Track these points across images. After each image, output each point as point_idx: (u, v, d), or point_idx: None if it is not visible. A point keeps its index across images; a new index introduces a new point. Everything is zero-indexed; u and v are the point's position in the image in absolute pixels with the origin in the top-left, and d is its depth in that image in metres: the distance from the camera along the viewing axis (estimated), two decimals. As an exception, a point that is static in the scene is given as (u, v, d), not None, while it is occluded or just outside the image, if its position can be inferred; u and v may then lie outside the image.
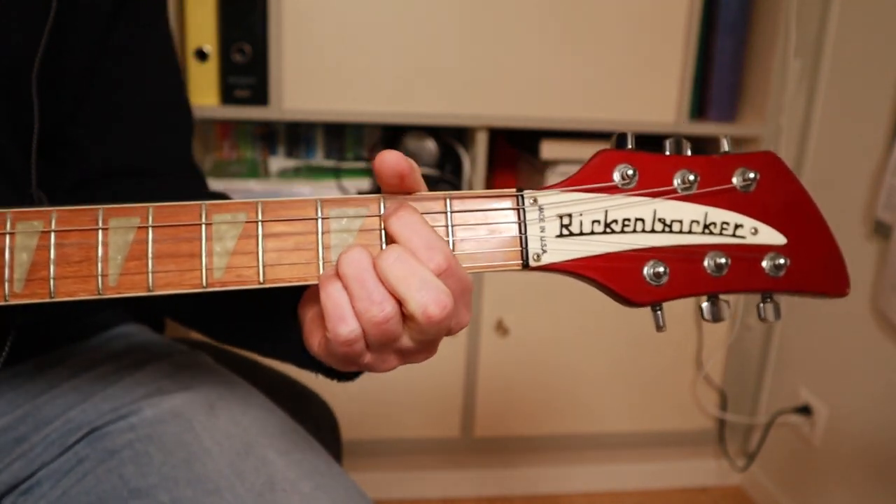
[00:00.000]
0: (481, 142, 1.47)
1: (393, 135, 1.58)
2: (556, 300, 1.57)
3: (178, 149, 0.74)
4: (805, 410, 1.57)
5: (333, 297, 0.44)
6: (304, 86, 1.38)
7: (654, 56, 1.46)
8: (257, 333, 0.63)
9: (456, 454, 1.68)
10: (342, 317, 0.44)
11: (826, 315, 1.52)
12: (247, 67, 1.35)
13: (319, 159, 1.60)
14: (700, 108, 1.57)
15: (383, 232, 0.47)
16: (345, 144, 1.61)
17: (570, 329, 1.59)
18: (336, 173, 1.55)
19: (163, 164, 0.72)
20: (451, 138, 1.56)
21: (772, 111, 1.52)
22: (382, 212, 0.47)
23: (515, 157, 1.66)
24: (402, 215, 0.46)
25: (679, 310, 1.61)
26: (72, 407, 0.65)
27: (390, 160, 0.46)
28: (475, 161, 1.50)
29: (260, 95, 1.36)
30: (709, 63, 1.55)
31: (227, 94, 1.36)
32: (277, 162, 1.58)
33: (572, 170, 1.53)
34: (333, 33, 1.36)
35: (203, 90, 1.36)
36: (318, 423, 0.88)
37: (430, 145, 1.52)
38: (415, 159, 1.57)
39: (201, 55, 1.34)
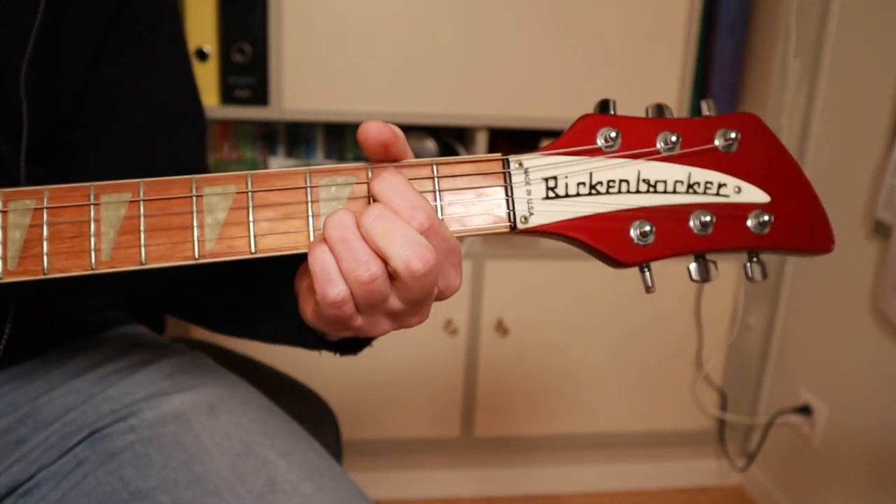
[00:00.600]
0: (481, 142, 1.47)
1: (393, 135, 1.58)
2: (556, 300, 1.57)
3: (185, 154, 0.73)
4: (805, 410, 1.57)
5: (320, 260, 0.45)
6: (304, 86, 1.38)
7: (654, 56, 1.46)
8: (256, 313, 0.63)
9: (456, 454, 1.68)
10: (329, 279, 0.45)
11: (826, 315, 1.52)
12: (247, 67, 1.35)
13: (319, 159, 1.60)
14: (700, 107, 1.57)
15: (372, 199, 0.48)
16: (345, 144, 1.61)
17: (570, 329, 1.59)
18: (336, 173, 1.55)
19: (169, 170, 0.70)
20: (451, 138, 1.56)
21: (772, 111, 1.52)
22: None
23: (515, 157, 1.66)
24: (385, 177, 0.46)
25: (679, 310, 1.62)
26: (71, 408, 0.65)
27: (374, 129, 0.47)
28: (475, 161, 1.49)
29: (260, 95, 1.36)
30: (709, 63, 1.55)
31: (227, 94, 1.36)
32: (277, 162, 1.58)
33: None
34: (333, 33, 1.36)
35: (203, 90, 1.35)
36: (318, 422, 0.88)
37: (430, 145, 1.52)
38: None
39: (201, 55, 1.34)
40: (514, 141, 1.61)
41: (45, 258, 0.46)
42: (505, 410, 1.64)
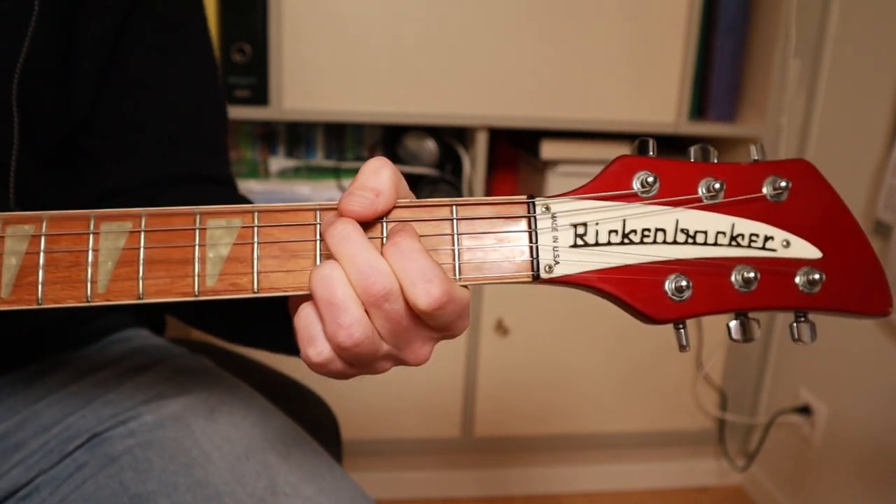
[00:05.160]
0: (481, 142, 1.47)
1: (393, 135, 1.58)
2: (557, 300, 1.57)
3: (206, 155, 0.71)
4: (805, 410, 1.57)
5: (303, 319, 0.43)
6: (304, 86, 1.37)
7: (654, 56, 1.46)
8: (261, 335, 0.63)
9: (456, 454, 1.68)
10: (311, 338, 0.43)
11: (826, 315, 1.51)
12: (247, 67, 1.35)
13: (319, 159, 1.60)
14: (700, 108, 1.57)
15: (384, 239, 0.45)
16: (345, 144, 1.60)
17: (570, 329, 1.59)
18: (336, 173, 1.55)
19: (189, 172, 0.69)
20: (451, 138, 1.56)
21: (772, 111, 1.52)
22: (385, 220, 0.45)
23: (515, 157, 1.66)
24: (399, 242, 0.43)
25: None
26: (71, 413, 0.65)
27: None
28: (475, 161, 1.49)
29: (260, 95, 1.36)
30: (709, 63, 1.54)
31: (227, 94, 1.35)
32: (277, 162, 1.58)
33: (573, 170, 1.53)
34: (333, 33, 1.36)
35: (203, 90, 1.35)
36: (318, 423, 0.88)
37: (430, 145, 1.52)
38: (415, 159, 1.56)
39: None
40: (514, 141, 1.61)
41: (40, 287, 0.44)
42: (505, 410, 1.64)
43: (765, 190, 0.47)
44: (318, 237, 0.45)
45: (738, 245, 0.46)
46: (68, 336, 0.72)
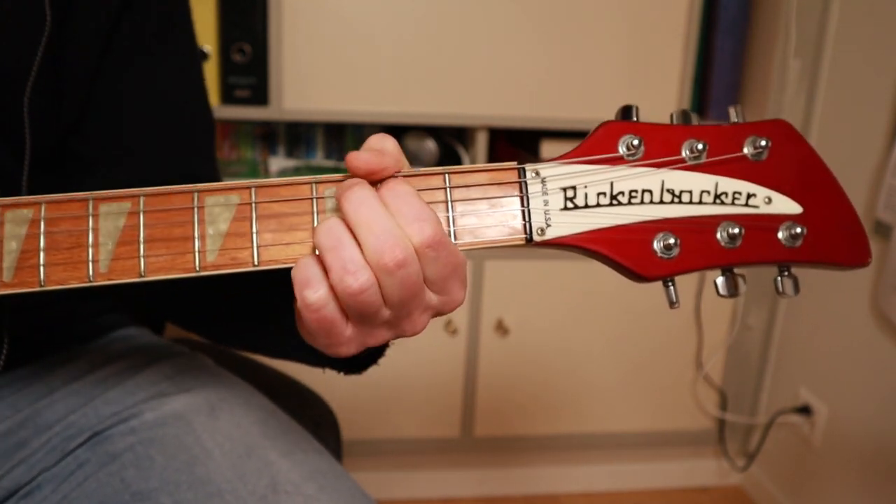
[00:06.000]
0: (481, 142, 1.47)
1: (393, 135, 1.58)
2: (557, 300, 1.57)
3: (195, 162, 0.71)
4: (805, 410, 1.57)
5: (301, 266, 0.44)
6: (304, 86, 1.38)
7: (654, 56, 1.46)
8: (256, 327, 0.63)
9: (456, 454, 1.68)
10: (308, 280, 0.43)
11: (826, 315, 1.52)
12: (247, 67, 1.35)
13: (319, 159, 1.60)
14: (700, 108, 1.57)
15: None
16: (345, 144, 1.60)
17: (570, 329, 1.59)
18: (336, 173, 1.55)
19: (180, 176, 0.67)
20: (451, 138, 1.56)
21: (772, 111, 1.52)
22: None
23: (515, 158, 1.66)
24: (393, 186, 0.44)
25: (679, 310, 1.61)
26: (72, 411, 0.65)
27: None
28: (475, 161, 1.50)
29: (260, 95, 1.36)
30: (709, 63, 1.55)
31: (227, 94, 1.35)
32: (277, 162, 1.58)
33: (573, 170, 1.46)
34: (333, 33, 1.36)
35: (203, 90, 1.35)
36: (318, 423, 0.88)
37: (430, 145, 1.52)
38: (415, 159, 1.56)
39: (201, 55, 1.34)
40: (514, 141, 1.61)
41: (42, 269, 0.45)
42: (505, 410, 1.64)
43: (746, 149, 0.48)
44: (315, 210, 0.46)
45: (723, 203, 0.48)
46: (68, 335, 0.73)
